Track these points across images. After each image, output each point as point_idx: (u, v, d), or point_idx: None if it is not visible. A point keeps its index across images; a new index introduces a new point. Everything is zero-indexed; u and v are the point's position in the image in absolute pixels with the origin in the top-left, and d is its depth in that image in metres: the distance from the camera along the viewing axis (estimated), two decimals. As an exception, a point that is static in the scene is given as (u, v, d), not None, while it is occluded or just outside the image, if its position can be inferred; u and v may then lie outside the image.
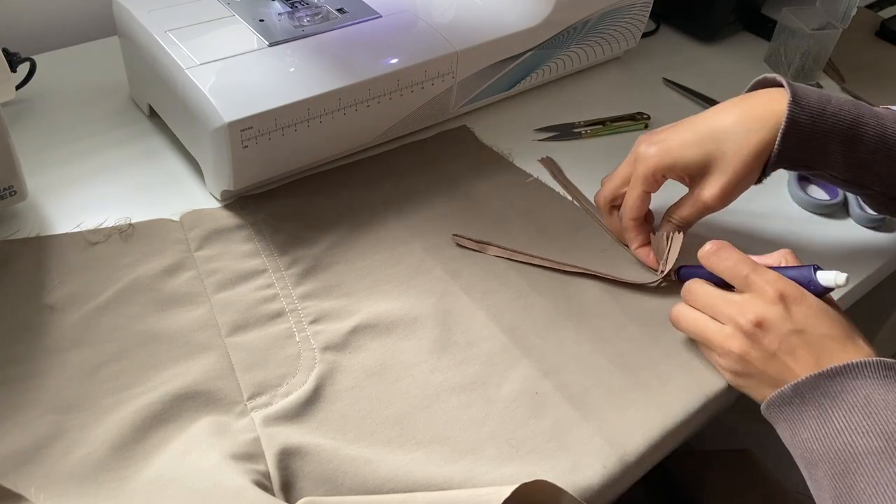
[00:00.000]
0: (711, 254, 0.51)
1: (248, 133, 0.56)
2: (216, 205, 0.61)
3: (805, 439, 0.45)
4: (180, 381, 0.48)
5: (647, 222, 0.59)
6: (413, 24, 0.68)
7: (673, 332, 0.54)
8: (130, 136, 0.66)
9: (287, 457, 0.44)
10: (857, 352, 0.46)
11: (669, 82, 0.81)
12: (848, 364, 0.45)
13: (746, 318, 0.47)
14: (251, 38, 0.62)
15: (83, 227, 0.57)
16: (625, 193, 0.58)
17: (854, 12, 0.78)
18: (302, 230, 0.59)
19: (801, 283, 0.49)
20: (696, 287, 0.51)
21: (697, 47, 0.88)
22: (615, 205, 0.60)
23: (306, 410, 0.47)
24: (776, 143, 0.53)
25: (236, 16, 0.65)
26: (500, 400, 0.49)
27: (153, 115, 0.67)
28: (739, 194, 0.55)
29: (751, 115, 0.54)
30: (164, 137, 0.66)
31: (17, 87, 0.66)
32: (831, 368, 0.45)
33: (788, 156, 0.54)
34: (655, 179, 0.56)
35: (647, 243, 0.59)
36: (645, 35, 0.84)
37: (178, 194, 0.61)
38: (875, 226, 0.66)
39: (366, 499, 0.43)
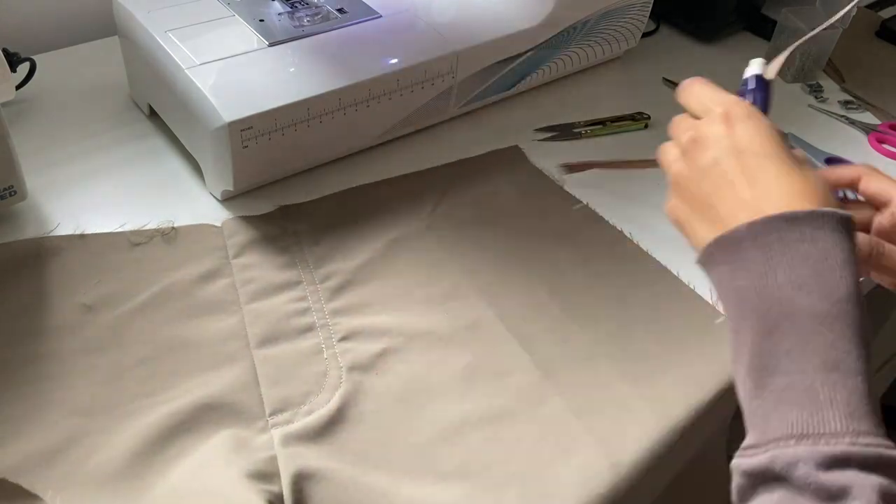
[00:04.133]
0: (682, 89, 0.46)
1: (248, 133, 0.56)
2: (216, 204, 0.61)
3: (741, 287, 0.37)
4: (205, 391, 0.47)
5: None
6: (413, 24, 0.68)
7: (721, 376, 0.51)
8: (130, 136, 0.66)
9: (302, 480, 0.43)
10: (804, 184, 0.39)
11: (669, 82, 0.81)
12: (815, 212, 0.37)
13: (687, 135, 0.43)
14: (251, 38, 0.62)
15: (108, 229, 0.56)
16: None
17: (854, 12, 0.78)
18: (340, 243, 0.58)
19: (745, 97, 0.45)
20: (678, 119, 0.46)
21: (697, 47, 0.88)
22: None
23: (327, 432, 0.46)
24: None
25: (236, 16, 0.65)
26: (527, 437, 0.47)
27: (153, 115, 0.67)
28: None
29: None
30: (164, 137, 0.66)
31: (17, 87, 0.66)
32: (794, 213, 0.37)
33: None
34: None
35: None
36: (645, 35, 0.84)
37: (178, 194, 0.61)
38: (875, 226, 0.66)
39: None
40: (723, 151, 0.41)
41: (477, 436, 0.47)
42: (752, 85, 0.47)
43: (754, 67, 0.47)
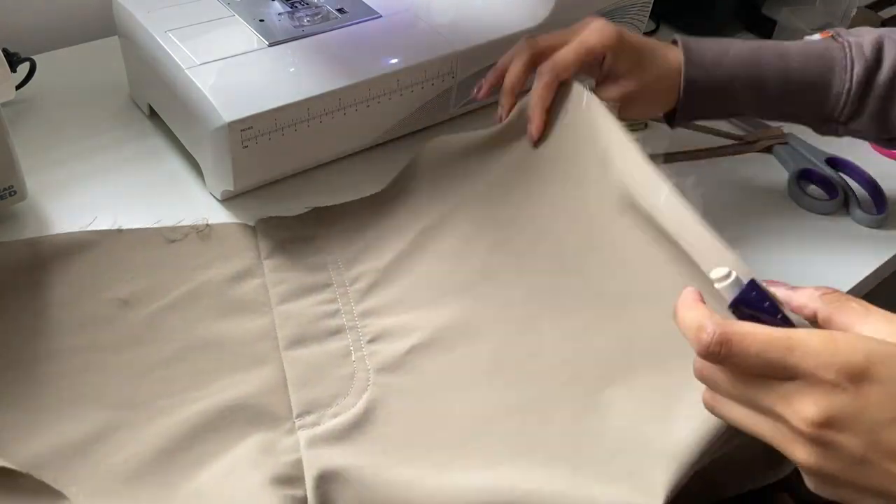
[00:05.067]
0: (714, 356, 0.34)
1: (248, 133, 0.56)
2: (216, 204, 0.61)
3: None
4: (233, 392, 0.48)
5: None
6: (413, 24, 0.68)
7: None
8: (130, 136, 0.66)
9: (326, 482, 0.43)
10: None
11: (669, 82, 0.80)
12: None
13: (804, 420, 0.32)
14: (251, 38, 0.62)
15: (109, 225, 0.56)
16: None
17: (854, 12, 0.78)
18: (370, 243, 0.58)
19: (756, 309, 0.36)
20: (710, 372, 0.36)
21: (697, 47, 0.88)
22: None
23: (353, 434, 0.46)
24: (677, 101, 0.56)
25: (236, 16, 0.65)
26: (557, 425, 0.46)
27: (153, 115, 0.67)
28: (638, 110, 0.57)
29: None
30: (164, 137, 0.66)
31: (17, 87, 0.66)
32: None
33: (694, 110, 0.57)
34: (595, 52, 0.55)
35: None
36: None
37: (178, 194, 0.61)
38: (875, 226, 0.66)
39: None
40: (873, 429, 0.32)
41: (506, 426, 0.46)
42: (759, 299, 0.36)
43: (725, 273, 0.36)
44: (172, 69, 0.58)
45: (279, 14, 0.66)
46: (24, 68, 0.68)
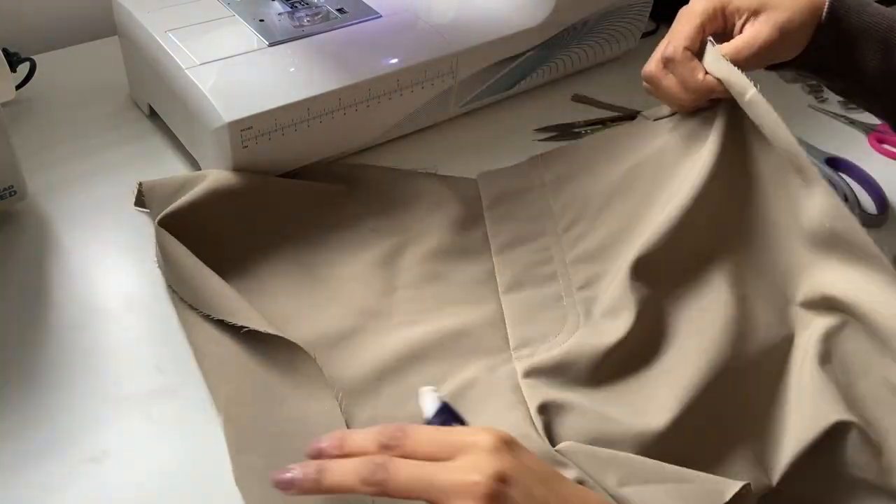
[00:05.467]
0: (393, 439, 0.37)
1: (248, 133, 0.56)
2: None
3: None
4: (458, 319, 0.53)
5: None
6: (413, 24, 0.68)
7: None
8: (130, 136, 0.66)
9: (545, 410, 0.47)
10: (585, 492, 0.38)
11: (669, 82, 0.80)
12: None
13: (481, 476, 0.34)
14: (251, 38, 0.62)
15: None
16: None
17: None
18: (585, 188, 0.60)
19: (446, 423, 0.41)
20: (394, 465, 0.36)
21: (697, 47, 0.88)
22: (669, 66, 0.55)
23: (566, 369, 0.49)
24: (822, 17, 0.53)
25: (236, 16, 0.65)
26: (751, 395, 0.48)
27: (153, 115, 0.67)
28: (786, 49, 0.54)
29: None
30: (164, 137, 0.66)
31: (17, 87, 0.66)
32: None
33: (826, 47, 0.54)
34: (715, 13, 0.54)
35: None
36: (645, 35, 0.84)
37: (178, 194, 0.61)
38: (875, 225, 0.66)
39: (616, 455, 0.44)
40: (532, 480, 0.35)
41: (729, 378, 0.48)
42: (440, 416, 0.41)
43: (428, 398, 0.42)
44: (172, 69, 0.58)
45: (279, 14, 0.66)
46: (24, 68, 0.68)
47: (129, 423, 0.46)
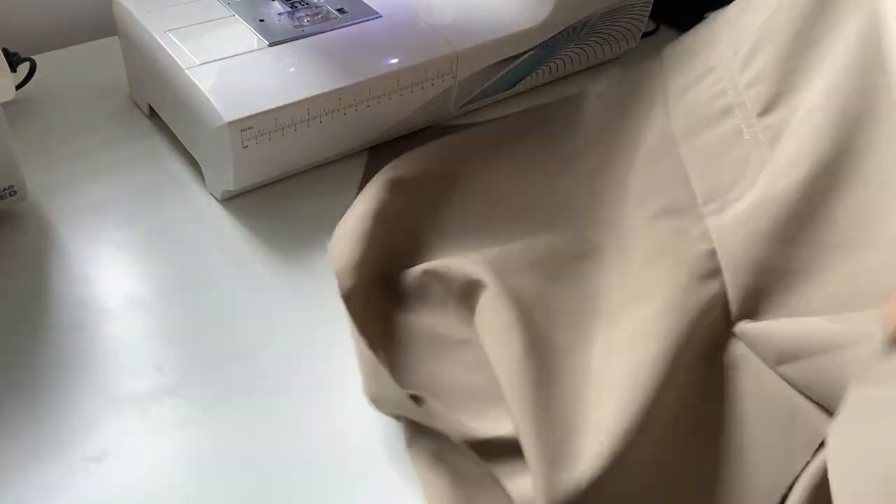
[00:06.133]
0: None
1: (248, 133, 0.56)
2: (216, 204, 0.61)
3: None
4: (645, 180, 0.50)
5: None
6: (413, 24, 0.68)
7: None
8: (130, 136, 0.66)
9: (745, 274, 0.42)
10: None
11: (669, 82, 0.80)
12: None
13: None
14: (251, 38, 0.62)
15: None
16: None
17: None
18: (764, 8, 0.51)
19: None
20: None
21: (697, 47, 0.88)
22: None
23: (759, 214, 0.43)
24: None
25: (236, 16, 0.65)
26: None
27: (153, 115, 0.67)
28: None
29: None
30: (164, 137, 0.66)
31: (17, 87, 0.66)
32: None
33: None
34: None
35: None
36: (645, 35, 0.84)
37: (178, 195, 0.61)
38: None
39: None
40: None
41: None
42: None
43: None
44: (172, 69, 0.58)
45: (279, 14, 0.66)
46: (24, 68, 0.68)
47: (129, 423, 0.46)
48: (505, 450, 0.38)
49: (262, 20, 0.64)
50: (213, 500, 0.43)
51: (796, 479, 0.37)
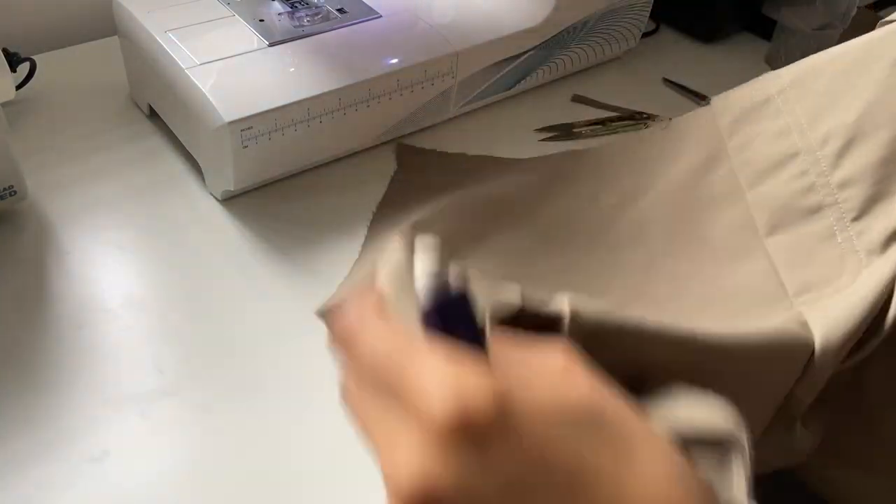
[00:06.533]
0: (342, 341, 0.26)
1: (248, 133, 0.56)
2: (216, 205, 0.61)
3: None
4: (728, 281, 0.46)
5: None
6: (413, 24, 0.68)
7: None
8: (130, 136, 0.66)
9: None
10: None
11: (669, 82, 0.80)
12: None
13: (401, 476, 0.22)
14: (251, 38, 0.62)
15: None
16: None
17: (854, 12, 0.78)
18: (834, 88, 0.48)
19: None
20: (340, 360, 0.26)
21: (697, 47, 0.88)
22: None
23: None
24: None
25: (236, 16, 0.65)
26: None
27: (153, 115, 0.67)
28: None
29: None
30: (164, 137, 0.66)
31: (17, 87, 0.66)
32: None
33: None
34: None
35: None
36: (645, 35, 0.84)
37: (178, 194, 0.61)
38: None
39: None
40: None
41: None
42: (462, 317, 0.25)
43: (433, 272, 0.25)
44: (172, 69, 0.58)
45: (279, 14, 0.66)
46: (24, 68, 0.68)
47: (129, 423, 0.46)
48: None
49: (262, 20, 0.64)
50: (212, 499, 0.43)
51: None
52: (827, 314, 0.40)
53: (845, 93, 0.46)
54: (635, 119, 0.74)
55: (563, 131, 0.72)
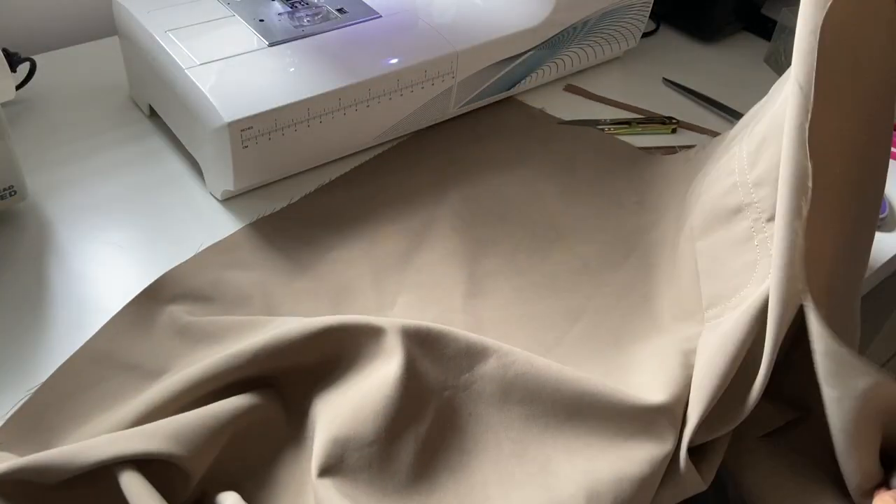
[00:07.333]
0: None
1: (248, 133, 0.56)
2: (216, 205, 0.61)
3: None
4: (662, 288, 0.50)
5: None
6: (413, 24, 0.68)
7: None
8: (130, 136, 0.66)
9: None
10: None
11: (669, 82, 0.80)
12: None
13: None
14: (251, 38, 0.62)
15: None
16: None
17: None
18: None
19: None
20: None
21: (697, 47, 0.88)
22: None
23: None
24: None
25: (236, 16, 0.65)
26: None
27: (153, 115, 0.67)
28: None
29: None
30: (164, 137, 0.66)
31: (17, 87, 0.66)
32: None
33: None
34: None
35: None
36: (645, 35, 0.84)
37: (178, 194, 0.61)
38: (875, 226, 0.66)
39: None
40: None
41: None
42: None
43: None
44: (172, 69, 0.58)
45: (279, 14, 0.66)
46: (24, 68, 0.68)
47: (129, 423, 0.46)
48: None
49: (262, 20, 0.64)
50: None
51: None
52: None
53: (770, 100, 0.49)
54: (664, 123, 0.73)
55: (587, 125, 0.72)
